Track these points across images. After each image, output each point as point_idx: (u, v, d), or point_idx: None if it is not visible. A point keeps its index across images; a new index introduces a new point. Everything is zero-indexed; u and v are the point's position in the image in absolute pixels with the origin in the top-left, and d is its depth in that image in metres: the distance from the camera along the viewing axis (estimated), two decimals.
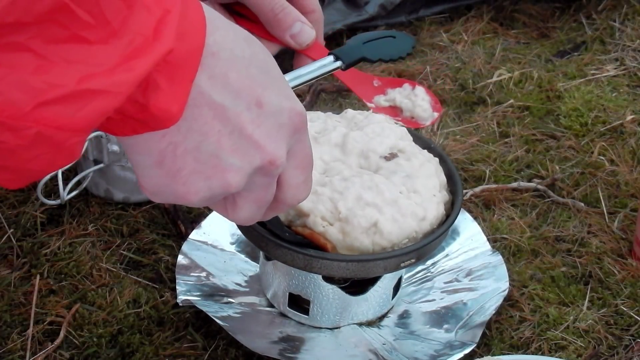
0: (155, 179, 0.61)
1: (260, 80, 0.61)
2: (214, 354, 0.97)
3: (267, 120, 0.62)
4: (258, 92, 0.61)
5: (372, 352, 0.96)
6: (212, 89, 0.59)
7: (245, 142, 0.61)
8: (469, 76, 1.41)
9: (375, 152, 0.95)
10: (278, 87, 0.63)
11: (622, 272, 1.08)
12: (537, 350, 0.99)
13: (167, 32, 0.54)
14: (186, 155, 0.60)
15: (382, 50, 0.94)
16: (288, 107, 0.63)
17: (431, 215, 0.92)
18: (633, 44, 1.51)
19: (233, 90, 0.60)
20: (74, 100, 0.51)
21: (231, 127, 0.60)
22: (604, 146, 1.28)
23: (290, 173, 0.67)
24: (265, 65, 0.63)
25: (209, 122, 0.59)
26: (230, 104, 0.60)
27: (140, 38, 0.52)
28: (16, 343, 0.97)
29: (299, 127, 0.65)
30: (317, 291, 0.96)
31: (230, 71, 0.59)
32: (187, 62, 0.56)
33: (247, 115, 0.61)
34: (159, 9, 0.53)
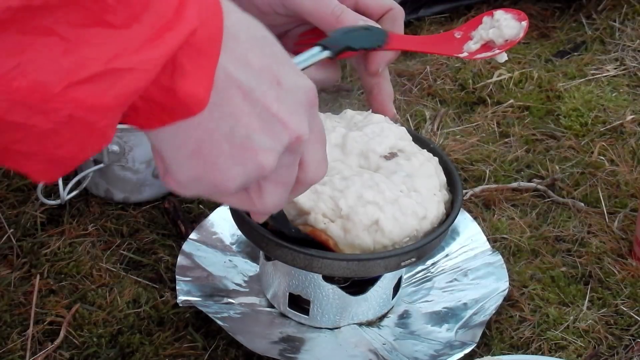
0: (191, 171, 0.61)
1: (276, 59, 0.62)
2: (214, 354, 0.97)
3: (288, 98, 0.63)
4: (276, 71, 0.62)
5: (372, 352, 0.96)
6: (237, 70, 0.59)
7: (273, 121, 0.62)
8: (469, 76, 1.41)
9: (375, 152, 0.95)
10: (290, 66, 0.64)
11: (622, 272, 1.08)
12: (537, 350, 0.99)
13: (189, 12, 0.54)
14: (222, 141, 0.60)
15: (362, 40, 0.94)
16: (302, 84, 0.64)
17: (432, 215, 0.92)
18: (633, 44, 1.51)
19: (255, 71, 0.60)
20: (103, 79, 0.51)
21: (260, 107, 0.61)
22: (604, 146, 1.28)
23: (310, 149, 0.68)
24: (276, 46, 0.64)
25: (239, 104, 0.60)
26: (255, 84, 0.60)
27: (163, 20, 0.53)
28: (16, 343, 0.97)
29: (313, 103, 0.66)
30: (317, 291, 0.96)
31: (250, 52, 0.60)
32: (210, 44, 0.56)
33: (271, 94, 0.61)
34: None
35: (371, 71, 0.96)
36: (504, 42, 0.94)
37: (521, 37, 0.94)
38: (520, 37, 0.94)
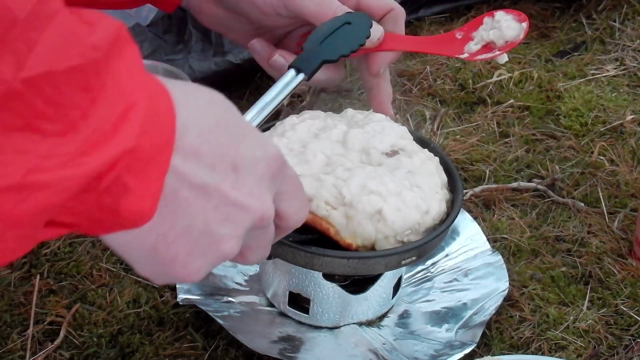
0: (152, 268, 0.60)
1: (230, 142, 0.60)
2: (214, 354, 0.97)
3: (247, 180, 0.61)
4: (231, 155, 0.60)
5: (372, 352, 0.96)
6: (188, 168, 0.57)
7: (231, 209, 0.60)
8: (469, 76, 1.41)
9: (376, 148, 0.95)
10: (248, 139, 0.62)
11: (622, 272, 1.08)
12: (537, 350, 0.99)
13: (128, 128, 0.52)
14: (178, 240, 0.59)
15: (341, 45, 0.93)
16: (262, 156, 0.62)
17: (434, 211, 0.91)
18: (633, 44, 1.51)
19: (208, 164, 0.59)
20: (16, 192, 0.48)
21: (216, 199, 0.59)
22: (604, 146, 1.28)
23: (284, 206, 0.67)
24: (232, 121, 0.61)
25: (193, 202, 0.58)
26: (209, 177, 0.59)
27: (99, 133, 0.50)
28: (16, 343, 0.97)
29: (278, 170, 0.64)
30: (317, 290, 0.96)
31: (201, 146, 0.58)
32: (158, 155, 0.54)
33: (226, 184, 0.60)
34: (122, 103, 0.52)
35: (372, 72, 0.96)
36: (504, 43, 0.94)
37: (521, 38, 0.94)
38: (520, 38, 0.94)
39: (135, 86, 0.53)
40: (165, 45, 1.40)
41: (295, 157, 0.92)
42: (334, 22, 0.93)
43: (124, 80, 0.52)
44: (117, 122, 0.51)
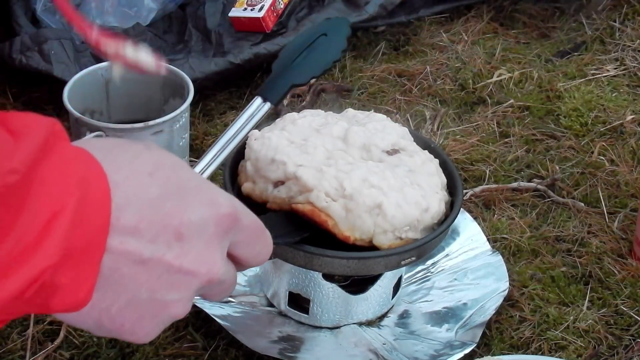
0: (102, 334, 0.60)
1: (174, 211, 0.59)
2: (214, 354, 0.97)
3: (192, 245, 0.60)
4: (175, 225, 0.59)
5: (372, 352, 0.96)
6: (126, 247, 0.56)
7: (177, 276, 0.59)
8: (469, 76, 1.41)
9: (377, 146, 0.95)
10: (196, 200, 0.61)
11: (622, 272, 1.08)
12: (537, 350, 0.99)
13: (52, 241, 0.51)
14: (122, 311, 0.58)
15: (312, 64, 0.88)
16: (211, 215, 0.61)
17: (433, 209, 0.91)
18: (633, 44, 1.51)
19: (149, 239, 0.57)
20: None
21: (158, 271, 0.58)
22: (604, 146, 1.28)
23: (242, 253, 0.65)
24: (178, 188, 0.60)
25: (134, 276, 0.57)
26: (150, 252, 0.57)
27: (20, 251, 0.50)
28: (16, 343, 0.97)
29: (230, 227, 0.62)
30: (317, 290, 0.96)
31: (140, 222, 0.57)
32: (91, 246, 0.54)
33: (169, 254, 0.59)
34: (47, 212, 0.51)
35: None
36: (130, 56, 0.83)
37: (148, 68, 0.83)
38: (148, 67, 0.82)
39: (63, 187, 0.52)
40: (165, 45, 1.41)
41: (297, 148, 0.92)
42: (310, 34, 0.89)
43: (50, 185, 0.51)
44: (40, 235, 0.51)
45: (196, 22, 1.41)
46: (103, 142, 0.60)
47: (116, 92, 1.19)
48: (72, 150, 0.54)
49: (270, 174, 0.90)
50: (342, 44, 0.89)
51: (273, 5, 1.39)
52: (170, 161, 0.61)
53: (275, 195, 0.90)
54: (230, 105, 1.35)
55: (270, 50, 1.35)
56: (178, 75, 1.15)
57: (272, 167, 0.90)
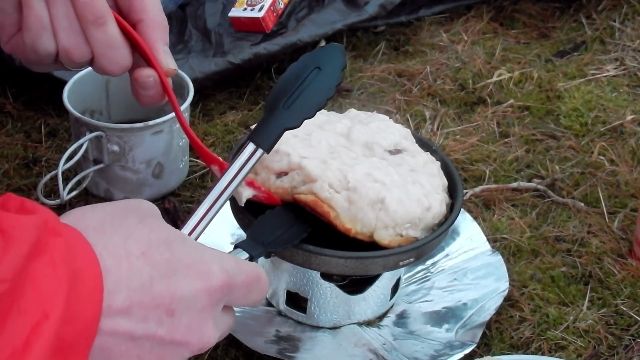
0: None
1: (166, 289, 0.60)
2: (214, 354, 0.97)
3: (184, 319, 0.61)
4: (166, 302, 0.60)
5: (372, 352, 0.96)
6: (117, 329, 0.58)
7: (168, 347, 0.61)
8: (469, 76, 1.41)
9: (379, 144, 0.95)
10: (188, 274, 0.62)
11: (622, 272, 1.08)
12: (537, 350, 0.99)
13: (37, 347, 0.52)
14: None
15: (306, 105, 0.86)
16: (204, 288, 0.62)
17: (435, 209, 0.91)
18: (633, 44, 1.51)
19: (140, 318, 0.59)
20: None
21: (149, 345, 0.59)
22: (604, 146, 1.28)
23: (238, 303, 0.67)
24: (170, 265, 0.61)
25: (125, 352, 0.59)
26: (141, 330, 0.59)
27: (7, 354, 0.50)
28: None
29: (223, 295, 0.64)
30: (315, 289, 0.96)
31: (132, 305, 0.58)
32: (81, 336, 0.55)
33: (161, 330, 0.60)
34: (35, 314, 0.52)
35: None
36: None
37: None
38: None
39: (53, 286, 0.53)
40: None
41: (300, 142, 0.92)
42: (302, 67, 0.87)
43: (40, 286, 0.52)
44: (28, 338, 0.51)
45: (196, 22, 1.41)
46: (97, 217, 0.61)
47: (116, 92, 1.20)
48: (65, 245, 0.55)
49: (274, 164, 0.90)
50: (337, 79, 0.87)
51: (273, 5, 1.39)
52: (164, 236, 0.62)
53: (277, 185, 0.90)
54: (230, 105, 1.35)
55: (270, 50, 1.35)
56: (178, 75, 1.15)
57: (275, 157, 0.90)
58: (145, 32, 0.83)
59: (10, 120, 1.29)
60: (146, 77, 0.83)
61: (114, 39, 0.80)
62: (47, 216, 0.56)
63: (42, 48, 0.80)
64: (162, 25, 0.84)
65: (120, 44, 0.81)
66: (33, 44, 0.80)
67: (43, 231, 0.54)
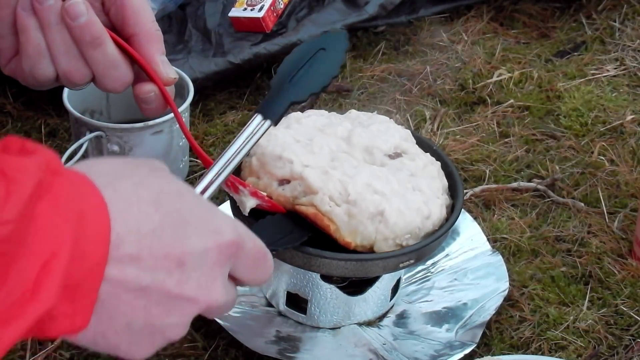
0: (98, 349, 0.60)
1: (177, 239, 0.59)
2: (214, 354, 0.97)
3: (194, 273, 0.60)
4: (177, 253, 0.59)
5: (372, 352, 0.96)
6: (125, 278, 0.57)
7: (176, 302, 0.60)
8: (469, 76, 1.41)
9: (380, 149, 0.95)
10: (199, 228, 0.61)
11: (622, 272, 1.08)
12: (537, 350, 0.99)
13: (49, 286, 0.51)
14: (118, 335, 0.59)
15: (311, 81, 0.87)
16: (214, 245, 0.61)
17: (435, 216, 0.92)
18: (633, 44, 1.51)
19: (149, 266, 0.58)
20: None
21: (156, 297, 0.59)
22: (604, 146, 1.28)
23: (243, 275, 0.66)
24: (181, 216, 0.60)
25: (131, 303, 0.58)
26: (149, 280, 0.58)
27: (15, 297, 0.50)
28: (16, 343, 0.96)
29: (232, 253, 0.63)
30: (315, 290, 0.96)
31: (141, 252, 0.57)
32: (89, 278, 0.54)
33: (170, 281, 0.59)
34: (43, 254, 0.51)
35: None
36: None
37: None
38: None
39: (59, 227, 0.52)
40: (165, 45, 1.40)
41: (303, 147, 0.92)
42: (308, 48, 0.88)
43: (45, 227, 0.52)
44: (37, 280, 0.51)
45: (196, 22, 1.41)
46: (108, 165, 0.60)
47: None
48: (69, 185, 0.54)
49: (277, 170, 0.91)
50: (341, 59, 0.88)
51: (273, 5, 1.39)
52: (175, 187, 0.62)
53: (279, 193, 0.90)
54: (230, 105, 1.35)
55: (270, 50, 1.35)
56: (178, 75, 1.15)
57: (278, 163, 0.91)
58: (141, 45, 0.83)
59: (10, 120, 1.29)
60: (147, 92, 0.84)
61: (113, 58, 0.81)
62: (49, 156, 0.54)
63: (41, 73, 0.80)
64: (156, 36, 0.84)
65: (120, 62, 0.81)
66: (32, 70, 0.81)
67: (45, 172, 0.53)
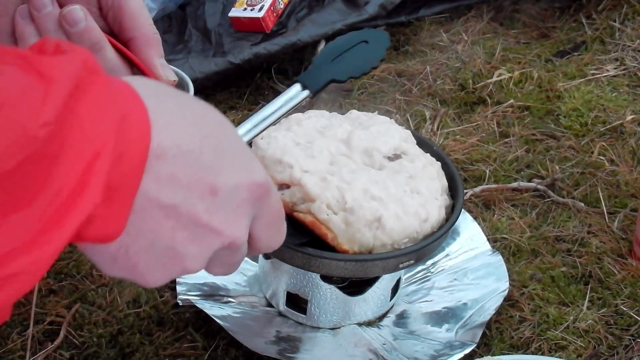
0: (111, 271, 0.60)
1: (213, 166, 0.59)
2: (214, 354, 0.97)
3: (224, 204, 0.60)
4: (211, 180, 0.59)
5: (372, 352, 0.96)
6: (160, 191, 0.56)
7: (202, 231, 0.60)
8: (469, 76, 1.41)
9: (379, 151, 0.95)
10: (235, 162, 0.61)
11: (622, 272, 1.08)
12: (537, 350, 0.99)
13: (94, 186, 0.51)
14: (139, 253, 0.58)
15: (352, 65, 0.89)
16: (246, 182, 0.61)
17: (433, 218, 0.92)
18: (633, 44, 1.51)
19: (183, 186, 0.57)
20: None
21: (185, 220, 0.58)
22: (604, 146, 1.28)
23: (259, 231, 0.66)
24: (220, 145, 0.60)
25: (160, 221, 0.58)
26: (181, 200, 0.58)
27: (63, 196, 0.50)
28: (16, 343, 0.97)
29: (261, 197, 0.63)
30: (315, 290, 0.96)
31: (177, 168, 0.57)
32: (127, 181, 0.54)
33: (200, 206, 0.59)
34: (86, 155, 0.51)
35: None
36: None
37: None
38: None
39: (101, 127, 0.51)
40: (165, 45, 1.40)
41: (302, 150, 0.92)
42: (351, 38, 0.91)
43: (87, 127, 0.51)
44: (81, 180, 0.51)
45: (196, 22, 1.41)
46: (153, 83, 0.60)
47: None
48: (109, 86, 0.53)
49: (277, 174, 0.91)
50: (381, 55, 0.92)
51: (273, 5, 1.39)
52: (217, 117, 0.61)
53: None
54: (230, 105, 1.35)
55: (270, 50, 1.35)
56: (178, 75, 1.15)
57: (278, 167, 0.91)
58: (139, 49, 0.83)
59: None
60: None
61: (112, 63, 0.80)
62: (86, 55, 0.53)
63: None
64: (154, 39, 0.83)
65: (119, 66, 0.81)
66: None
67: (83, 71, 0.52)
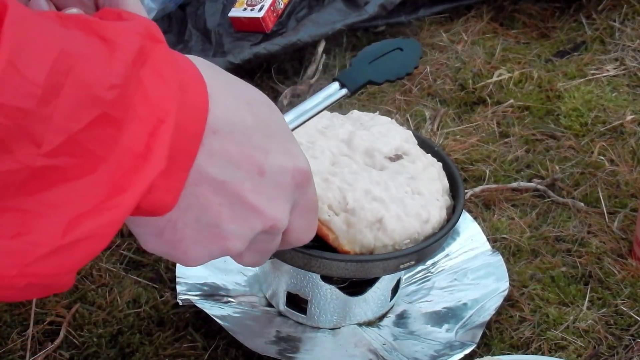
0: (154, 245, 0.61)
1: (263, 146, 0.60)
2: (214, 354, 0.97)
3: (269, 185, 0.61)
4: (260, 160, 0.60)
5: (372, 352, 0.96)
6: (212, 166, 0.58)
7: (246, 210, 0.61)
8: (469, 76, 1.41)
9: (380, 151, 0.95)
10: (282, 146, 0.62)
11: (622, 272, 1.08)
12: (537, 350, 0.99)
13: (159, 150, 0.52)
14: (185, 228, 0.59)
15: (388, 69, 0.92)
16: (291, 167, 0.62)
17: (434, 219, 0.92)
18: (633, 44, 1.51)
19: (233, 163, 0.59)
20: (60, 253, 0.49)
21: (233, 198, 0.60)
22: (604, 146, 1.28)
23: (294, 220, 0.67)
24: (269, 127, 0.61)
25: (209, 196, 0.59)
26: (231, 177, 0.59)
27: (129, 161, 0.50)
28: (16, 343, 0.97)
29: (302, 183, 0.64)
30: (315, 291, 0.96)
31: (230, 145, 0.58)
32: (184, 152, 0.54)
33: (248, 185, 0.60)
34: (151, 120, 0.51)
35: None
36: None
37: None
38: None
39: (164, 93, 0.52)
40: None
41: (304, 151, 0.92)
42: (387, 44, 0.93)
43: (151, 93, 0.52)
44: (147, 144, 0.51)
45: (196, 22, 1.41)
46: (204, 61, 0.61)
47: None
48: (170, 54, 0.54)
49: None
50: (415, 62, 0.93)
51: (273, 6, 1.39)
52: (266, 99, 0.62)
53: None
54: None
55: (270, 50, 1.35)
56: None
57: None
58: None
59: None
60: None
61: None
62: (148, 23, 0.54)
63: None
64: None
65: None
66: None
67: (145, 38, 0.52)
